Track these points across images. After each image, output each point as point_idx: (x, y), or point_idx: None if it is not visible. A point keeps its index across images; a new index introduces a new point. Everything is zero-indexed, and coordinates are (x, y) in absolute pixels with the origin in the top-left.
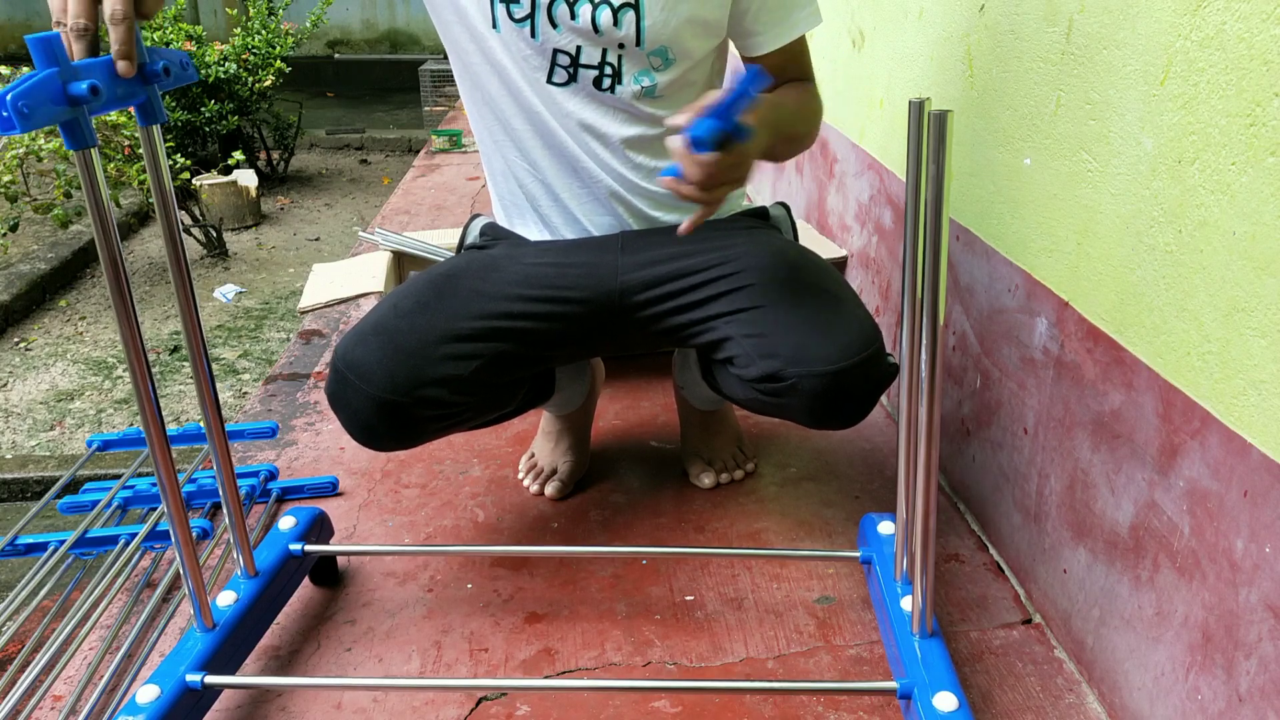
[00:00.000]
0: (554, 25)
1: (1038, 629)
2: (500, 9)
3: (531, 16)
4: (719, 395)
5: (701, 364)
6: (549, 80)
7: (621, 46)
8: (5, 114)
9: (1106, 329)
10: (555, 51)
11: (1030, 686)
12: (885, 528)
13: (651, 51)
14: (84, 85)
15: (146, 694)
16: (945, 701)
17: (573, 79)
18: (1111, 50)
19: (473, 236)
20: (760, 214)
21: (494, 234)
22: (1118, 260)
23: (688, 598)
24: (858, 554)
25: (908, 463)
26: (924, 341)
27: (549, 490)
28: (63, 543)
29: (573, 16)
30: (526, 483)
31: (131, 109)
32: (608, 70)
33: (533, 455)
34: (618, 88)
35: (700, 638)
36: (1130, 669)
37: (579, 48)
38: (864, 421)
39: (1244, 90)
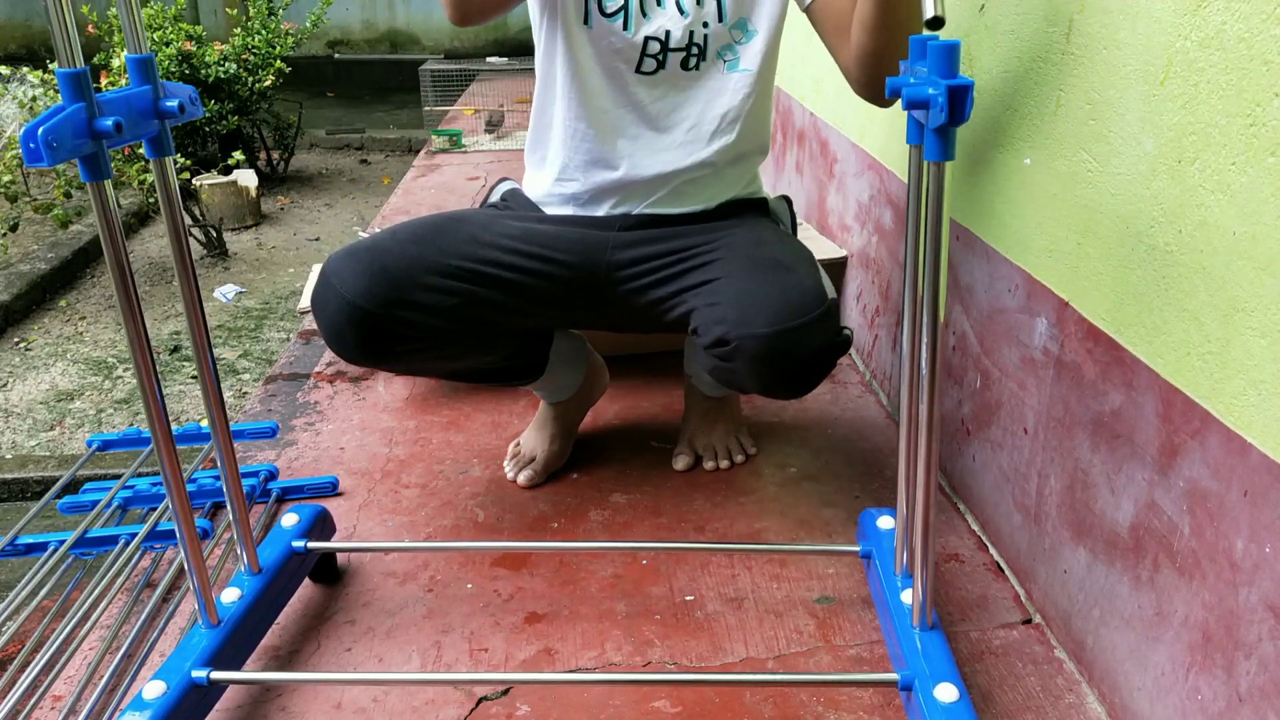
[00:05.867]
0: (644, 14)
1: (1038, 629)
2: (593, 4)
3: (625, 8)
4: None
5: None
6: (638, 70)
7: (705, 25)
8: (33, 146)
9: (1106, 329)
10: (646, 40)
11: (1030, 686)
12: (884, 522)
13: (733, 25)
14: (109, 121)
15: (153, 690)
16: (946, 693)
17: (661, 65)
18: (1111, 50)
19: (495, 197)
20: (759, 205)
21: (515, 201)
22: (1117, 260)
23: (688, 598)
24: (857, 548)
25: (908, 457)
26: (924, 340)
27: (521, 478)
28: (63, 543)
29: (659, 3)
30: (507, 468)
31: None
32: (694, 51)
33: (518, 444)
34: (702, 64)
35: (700, 638)
36: (1130, 669)
37: (667, 32)
38: (864, 422)
39: (1244, 90)
